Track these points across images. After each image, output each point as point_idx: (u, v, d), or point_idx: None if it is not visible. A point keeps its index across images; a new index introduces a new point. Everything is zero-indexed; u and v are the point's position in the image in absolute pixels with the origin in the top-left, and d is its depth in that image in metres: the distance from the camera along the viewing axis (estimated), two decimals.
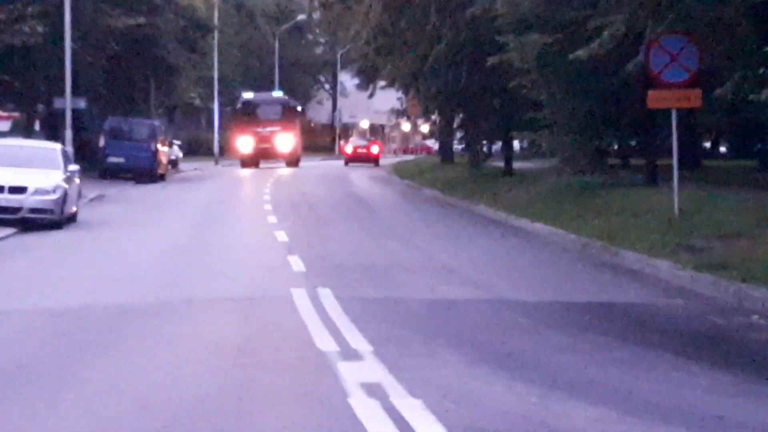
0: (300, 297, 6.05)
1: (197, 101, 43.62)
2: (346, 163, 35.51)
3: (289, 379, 3.78)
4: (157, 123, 27.80)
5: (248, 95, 32.17)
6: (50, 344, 4.78)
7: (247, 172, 29.18)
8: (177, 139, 32.84)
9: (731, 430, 3.02)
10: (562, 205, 13.38)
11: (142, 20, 24.81)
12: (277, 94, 33.60)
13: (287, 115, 30.58)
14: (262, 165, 30.33)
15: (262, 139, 29.21)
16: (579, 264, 9.21)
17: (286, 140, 29.56)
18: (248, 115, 30.13)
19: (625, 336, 5.05)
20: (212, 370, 3.97)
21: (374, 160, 35.78)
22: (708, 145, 33.21)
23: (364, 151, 36.51)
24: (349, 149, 37.86)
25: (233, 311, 6.00)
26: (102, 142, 23.86)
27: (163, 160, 25.30)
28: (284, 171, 28.99)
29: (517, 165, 22.07)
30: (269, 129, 29.26)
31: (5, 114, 27.15)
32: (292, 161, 30.25)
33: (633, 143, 17.19)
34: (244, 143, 29.68)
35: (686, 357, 4.43)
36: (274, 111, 30.38)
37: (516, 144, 22.02)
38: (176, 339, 4.88)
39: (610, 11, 10.90)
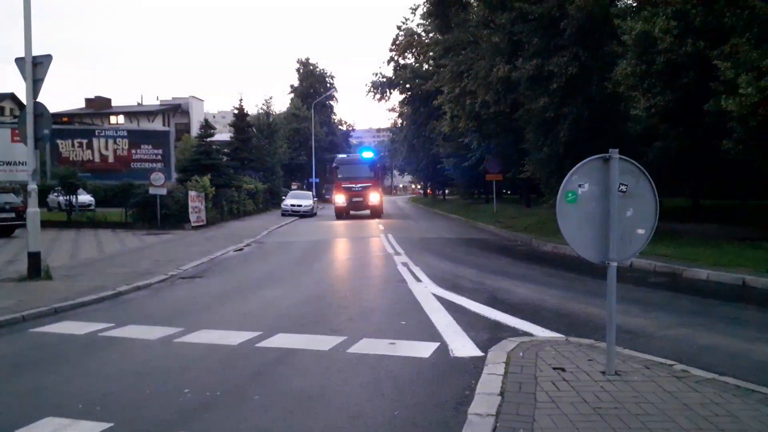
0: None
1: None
2: None
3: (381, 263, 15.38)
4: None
5: (341, 156, 41.05)
6: None
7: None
8: None
9: (507, 274, 12.94)
10: None
11: None
12: (366, 153, 40.16)
13: (373, 172, 36.86)
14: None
15: (353, 194, 35.82)
16: None
17: (372, 194, 35.96)
18: (342, 173, 36.74)
19: (483, 247, 18.98)
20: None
21: None
22: None
23: None
24: None
25: None
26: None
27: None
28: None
29: None
30: (360, 185, 35.63)
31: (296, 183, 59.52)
32: (377, 212, 36.43)
33: None
34: (339, 197, 36.47)
35: (498, 253, 17.28)
36: (362, 169, 36.68)
37: None
38: None
39: None
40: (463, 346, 6.89)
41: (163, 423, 4.81)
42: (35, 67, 12.05)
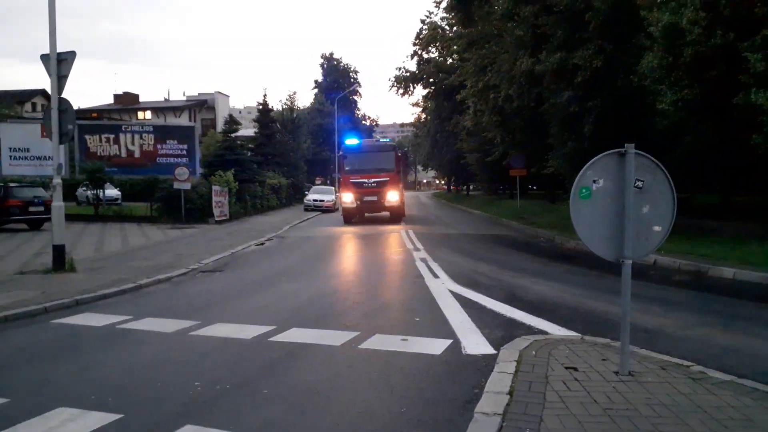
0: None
1: None
2: None
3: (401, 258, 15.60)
4: None
5: (350, 142, 29.54)
6: None
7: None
8: None
9: (526, 271, 12.87)
10: None
11: None
12: (382, 140, 31.24)
13: (392, 163, 27.86)
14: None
15: (365, 191, 27.33)
16: None
17: (390, 192, 27.58)
18: (350, 165, 28.00)
19: (504, 244, 19.48)
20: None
21: None
22: None
23: None
24: None
25: None
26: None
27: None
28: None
29: None
30: (374, 180, 27.17)
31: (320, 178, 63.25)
32: (397, 215, 28.83)
33: None
34: (346, 195, 28.15)
35: (519, 250, 17.35)
36: (377, 159, 27.59)
37: None
38: None
39: None
40: (475, 344, 6.83)
41: (172, 415, 4.87)
42: (60, 64, 12.29)
